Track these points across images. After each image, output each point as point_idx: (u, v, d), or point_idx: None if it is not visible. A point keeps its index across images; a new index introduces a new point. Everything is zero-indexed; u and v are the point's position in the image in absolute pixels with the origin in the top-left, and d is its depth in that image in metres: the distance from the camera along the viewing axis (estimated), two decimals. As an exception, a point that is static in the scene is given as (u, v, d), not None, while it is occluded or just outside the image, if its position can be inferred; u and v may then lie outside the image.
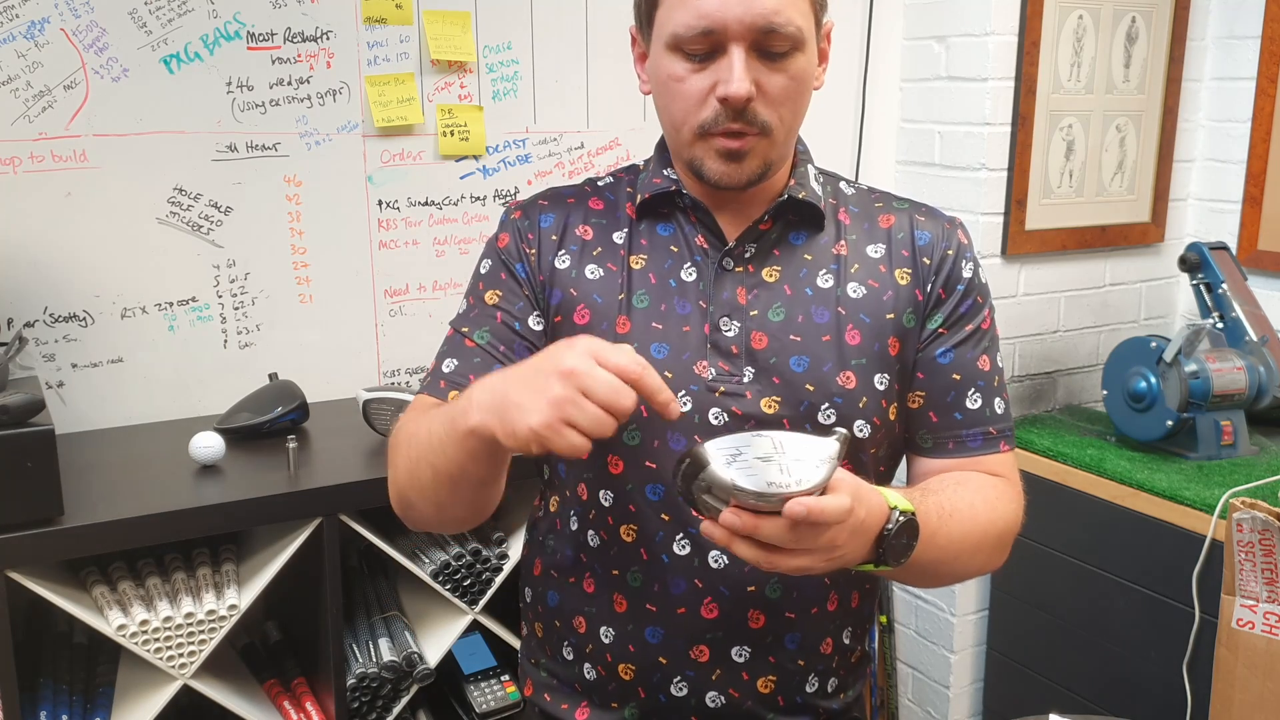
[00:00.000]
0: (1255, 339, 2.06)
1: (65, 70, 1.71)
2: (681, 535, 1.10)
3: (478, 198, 2.06)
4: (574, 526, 1.16)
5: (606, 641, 1.15)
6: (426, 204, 2.02)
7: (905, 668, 2.56)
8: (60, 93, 1.71)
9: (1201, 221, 2.50)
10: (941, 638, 2.43)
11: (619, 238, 1.15)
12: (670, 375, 1.08)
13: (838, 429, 0.90)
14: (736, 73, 1.01)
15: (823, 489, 0.86)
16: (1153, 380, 2.04)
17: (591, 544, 1.15)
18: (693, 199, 1.13)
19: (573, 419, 0.86)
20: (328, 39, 1.88)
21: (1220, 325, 2.10)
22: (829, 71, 1.15)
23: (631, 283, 1.13)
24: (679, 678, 1.13)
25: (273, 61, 1.85)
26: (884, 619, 2.53)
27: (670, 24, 1.03)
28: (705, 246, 1.13)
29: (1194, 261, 2.14)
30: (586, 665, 1.18)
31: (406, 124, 1.97)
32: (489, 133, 2.04)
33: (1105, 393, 2.15)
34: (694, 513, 0.91)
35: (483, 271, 1.18)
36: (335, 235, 1.95)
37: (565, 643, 1.19)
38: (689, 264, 1.13)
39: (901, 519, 0.95)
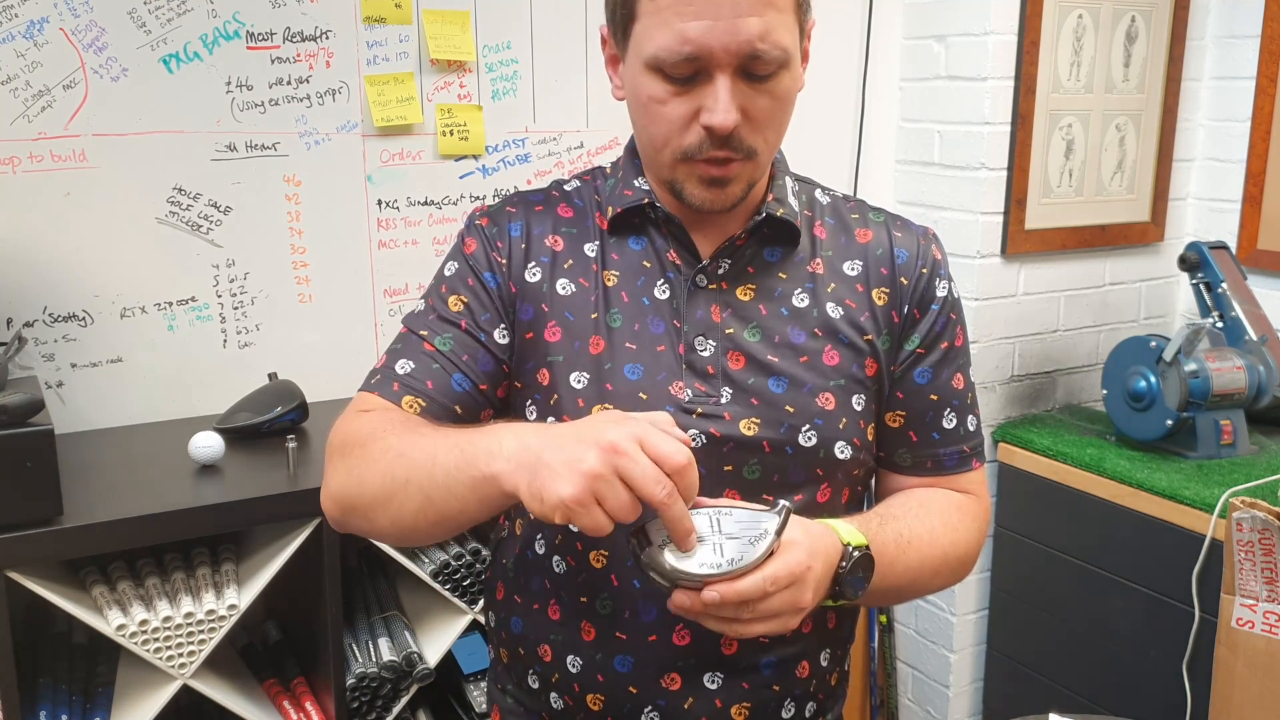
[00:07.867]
0: (1255, 338, 2.06)
1: (64, 70, 1.71)
2: None
3: (477, 197, 2.05)
4: (540, 550, 1.12)
5: (574, 671, 1.11)
6: (426, 203, 2.02)
7: (905, 667, 2.56)
8: (59, 92, 1.71)
9: (1201, 221, 2.50)
10: (941, 637, 2.43)
11: (591, 250, 1.11)
12: (645, 397, 1.05)
13: (781, 500, 0.91)
14: (723, 103, 0.96)
15: (760, 564, 0.88)
16: (1152, 380, 2.04)
17: (558, 570, 1.11)
18: (666, 213, 1.09)
19: (604, 497, 0.84)
20: (327, 38, 1.88)
21: (1220, 324, 2.10)
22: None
23: (607, 300, 1.08)
24: (650, 707, 1.09)
25: (272, 61, 1.84)
26: (884, 619, 2.53)
27: (651, 44, 0.98)
28: (678, 263, 1.09)
29: (1194, 261, 2.14)
30: (553, 694, 1.14)
31: (406, 123, 1.97)
32: (488, 132, 2.04)
33: (1105, 392, 2.15)
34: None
35: (447, 274, 1.13)
36: (335, 235, 1.95)
37: (530, 670, 1.15)
38: (661, 280, 1.09)
39: (856, 554, 0.96)
